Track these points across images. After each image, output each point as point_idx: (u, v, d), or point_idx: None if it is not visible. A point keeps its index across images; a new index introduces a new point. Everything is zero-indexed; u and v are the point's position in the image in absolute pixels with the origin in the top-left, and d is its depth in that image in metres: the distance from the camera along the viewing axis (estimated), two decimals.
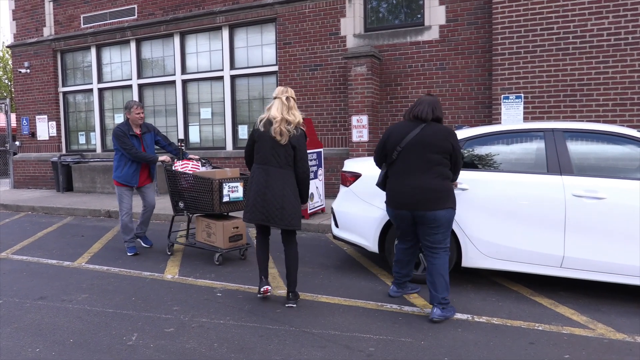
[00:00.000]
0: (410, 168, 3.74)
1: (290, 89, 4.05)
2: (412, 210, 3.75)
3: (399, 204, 3.83)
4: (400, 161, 3.81)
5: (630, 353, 3.18)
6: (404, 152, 3.78)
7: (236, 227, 5.51)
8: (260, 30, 10.49)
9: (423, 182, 3.70)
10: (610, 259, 3.92)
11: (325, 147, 9.56)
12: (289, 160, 3.96)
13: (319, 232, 7.13)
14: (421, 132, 3.74)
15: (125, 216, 5.89)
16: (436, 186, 3.70)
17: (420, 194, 3.69)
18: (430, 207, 3.67)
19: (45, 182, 13.17)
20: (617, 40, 7.14)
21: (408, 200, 3.74)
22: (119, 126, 5.77)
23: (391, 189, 3.90)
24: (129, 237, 5.96)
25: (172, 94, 11.59)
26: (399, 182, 3.82)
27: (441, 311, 3.72)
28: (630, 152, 4.12)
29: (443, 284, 3.72)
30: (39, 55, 13.03)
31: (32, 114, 13.33)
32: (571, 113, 7.46)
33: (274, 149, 3.92)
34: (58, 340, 3.52)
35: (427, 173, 3.70)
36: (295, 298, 4.14)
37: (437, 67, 8.76)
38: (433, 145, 3.70)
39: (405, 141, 3.76)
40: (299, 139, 3.96)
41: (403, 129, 3.84)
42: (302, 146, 3.97)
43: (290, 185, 3.97)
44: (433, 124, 3.79)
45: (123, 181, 5.82)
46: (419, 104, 3.85)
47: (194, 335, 3.55)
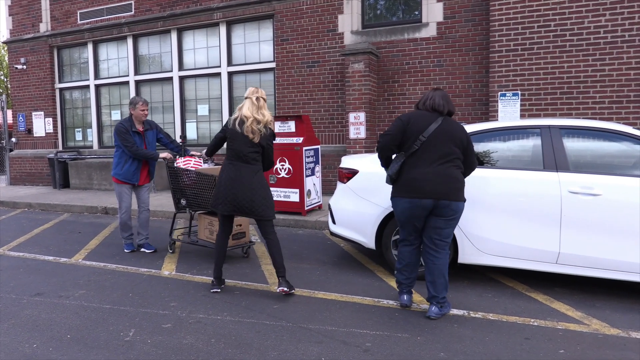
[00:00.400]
0: (434, 158, 3.67)
1: (261, 90, 4.27)
2: (438, 199, 3.62)
3: (422, 193, 3.64)
4: (423, 151, 3.68)
5: (624, 348, 3.20)
6: (427, 142, 3.68)
7: (239, 224, 5.44)
8: (258, 26, 10.47)
9: (446, 171, 3.66)
10: (605, 255, 3.94)
11: (322, 143, 9.57)
12: (257, 157, 4.23)
13: (316, 229, 7.14)
14: (442, 124, 3.72)
15: (124, 214, 5.82)
16: (458, 176, 3.70)
17: (445, 183, 3.63)
18: (456, 196, 3.65)
19: (41, 179, 13.14)
20: (614, 37, 7.16)
21: (432, 189, 3.62)
22: (121, 122, 5.68)
23: (412, 179, 3.70)
24: (127, 234, 5.91)
25: (169, 91, 11.57)
26: (421, 172, 3.67)
27: (439, 309, 3.73)
28: (626, 149, 4.14)
29: (443, 283, 3.72)
30: (35, 51, 12.98)
31: (29, 111, 13.29)
32: (568, 110, 7.49)
33: (245, 147, 4.16)
34: (55, 336, 3.52)
35: (448, 163, 3.68)
36: (288, 283, 4.23)
37: (435, 64, 8.77)
38: (454, 138, 3.69)
39: (429, 131, 3.68)
40: (268, 139, 4.24)
41: (424, 118, 3.75)
42: (269, 146, 4.27)
43: (258, 179, 4.22)
44: (450, 118, 3.80)
45: (124, 179, 5.72)
46: (432, 96, 3.82)
47: (191, 331, 3.55)
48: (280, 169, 7.55)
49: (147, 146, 5.78)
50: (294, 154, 7.41)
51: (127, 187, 5.80)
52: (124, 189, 5.79)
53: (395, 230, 4.69)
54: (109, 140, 12.54)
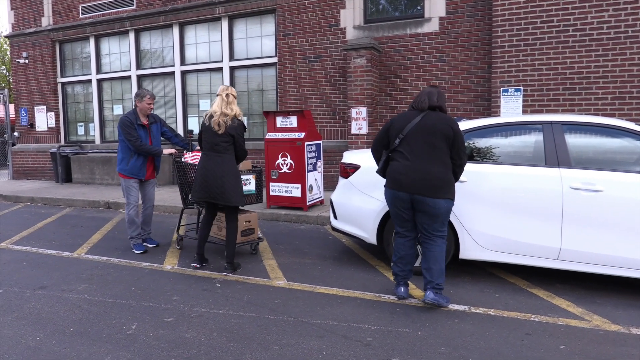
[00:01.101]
0: (413, 153, 3.76)
1: (231, 87, 4.69)
2: (411, 193, 3.73)
3: (399, 185, 3.79)
4: (402, 147, 3.83)
5: (625, 344, 3.21)
6: (406, 139, 3.80)
7: (248, 220, 5.40)
8: (260, 21, 10.45)
9: (425, 167, 3.72)
10: (607, 251, 3.94)
11: (324, 139, 9.56)
12: (227, 147, 4.60)
13: (318, 224, 7.16)
14: (422, 120, 3.79)
15: (132, 210, 5.65)
16: (438, 174, 3.72)
17: (421, 179, 3.70)
18: (430, 193, 3.69)
19: (44, 173, 13.16)
20: (617, 33, 7.13)
21: (409, 183, 3.73)
22: (126, 115, 5.55)
23: (392, 171, 3.87)
24: (135, 233, 5.72)
25: (171, 85, 11.56)
26: (401, 164, 3.81)
27: (434, 295, 3.76)
28: (628, 145, 4.13)
29: (439, 270, 3.77)
30: (37, 45, 12.97)
31: (31, 105, 13.30)
32: (570, 106, 7.47)
33: (214, 138, 4.60)
34: (58, 329, 3.55)
35: (430, 159, 3.72)
36: (231, 268, 4.76)
37: (437, 59, 8.75)
38: (434, 131, 3.73)
39: (407, 128, 3.80)
40: (237, 129, 4.61)
41: (405, 117, 3.89)
42: (239, 135, 4.63)
43: (228, 168, 4.59)
44: (434, 113, 3.84)
45: (129, 174, 5.60)
46: (419, 95, 3.94)
47: (193, 325, 3.57)
48: (282, 164, 7.56)
49: (152, 140, 5.68)
50: (296, 149, 7.41)
51: (134, 181, 5.67)
52: (131, 183, 5.66)
53: None
54: (111, 135, 12.55)
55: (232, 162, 4.65)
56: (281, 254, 5.53)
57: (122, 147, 5.63)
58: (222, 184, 4.54)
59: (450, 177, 3.80)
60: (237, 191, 4.63)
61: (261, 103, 10.62)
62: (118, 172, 5.70)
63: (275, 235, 6.52)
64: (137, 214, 5.71)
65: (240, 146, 4.70)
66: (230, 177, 4.57)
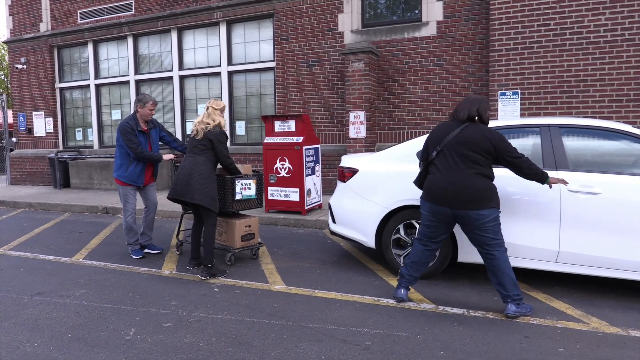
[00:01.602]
0: (450, 166, 3.68)
1: (214, 100, 4.98)
2: (454, 208, 3.65)
3: (437, 200, 3.71)
4: (439, 160, 3.77)
5: (623, 346, 3.21)
6: (443, 151, 3.74)
7: (248, 225, 5.37)
8: (258, 26, 10.48)
9: (463, 181, 3.62)
10: (605, 253, 3.94)
11: (322, 143, 9.58)
12: (203, 150, 4.81)
13: (316, 228, 7.15)
14: (461, 133, 3.70)
15: (129, 217, 5.58)
16: (476, 186, 3.61)
17: (460, 193, 3.61)
18: (472, 206, 3.60)
19: (42, 179, 13.15)
20: (614, 36, 7.16)
21: (450, 198, 3.64)
22: (126, 121, 5.44)
23: (430, 185, 3.80)
24: (133, 240, 5.65)
25: (169, 90, 11.58)
26: (437, 178, 3.74)
27: (516, 307, 3.67)
28: (626, 147, 4.14)
29: (510, 282, 3.66)
30: (35, 50, 12.99)
31: (29, 110, 13.30)
32: (567, 109, 7.49)
33: (193, 142, 4.88)
34: (56, 335, 3.54)
35: (467, 173, 3.63)
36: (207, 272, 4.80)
37: (435, 63, 8.77)
38: (472, 145, 3.63)
39: (445, 141, 3.74)
40: (216, 135, 4.82)
41: (445, 128, 3.83)
42: (218, 142, 4.83)
43: (198, 167, 4.73)
44: (473, 125, 3.73)
45: (129, 181, 5.51)
46: (460, 104, 3.86)
47: (192, 330, 3.56)
48: (281, 168, 7.56)
49: (151, 145, 5.61)
50: (294, 153, 7.42)
51: (132, 188, 5.59)
52: (129, 191, 5.58)
53: (395, 229, 4.70)
54: (110, 140, 12.55)
55: (205, 164, 4.76)
56: (280, 258, 5.53)
57: (120, 152, 5.53)
58: (189, 181, 4.69)
59: (492, 186, 3.68)
60: (204, 191, 4.69)
61: (259, 107, 10.63)
62: (115, 178, 5.58)
63: (273, 239, 6.52)
64: (134, 221, 5.64)
65: (221, 152, 4.84)
66: (197, 176, 4.69)
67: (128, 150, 5.43)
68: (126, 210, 5.61)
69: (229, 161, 4.95)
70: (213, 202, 4.77)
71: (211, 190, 4.76)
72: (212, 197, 4.77)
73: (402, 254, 4.71)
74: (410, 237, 4.65)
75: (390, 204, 4.68)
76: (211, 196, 4.76)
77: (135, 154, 5.41)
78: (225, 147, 4.93)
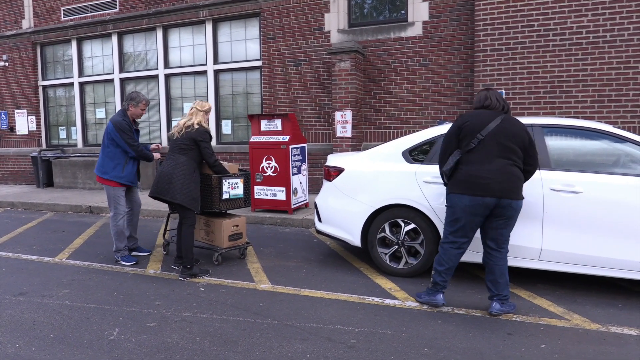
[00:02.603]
0: (494, 156, 3.64)
1: (199, 101, 5.01)
2: (500, 197, 3.60)
3: (485, 190, 3.59)
4: (482, 149, 3.67)
5: (604, 342, 3.27)
6: (486, 140, 3.66)
7: (236, 225, 5.33)
8: (244, 24, 10.44)
9: (508, 169, 3.63)
10: (586, 251, 4.01)
11: (309, 142, 9.58)
12: (184, 149, 4.80)
13: (303, 227, 7.15)
14: (502, 123, 3.69)
15: (121, 220, 5.29)
16: (518, 174, 3.66)
17: (508, 181, 3.60)
18: (517, 195, 3.64)
19: (24, 178, 12.95)
20: (596, 37, 7.27)
21: (498, 187, 3.58)
22: (122, 117, 5.19)
23: (472, 176, 3.65)
24: (122, 245, 5.36)
25: (154, 89, 11.48)
26: (483, 169, 3.63)
27: (500, 305, 3.72)
28: (607, 147, 4.21)
29: (504, 282, 3.72)
30: (17, 48, 12.78)
31: (11, 108, 13.09)
32: (551, 109, 7.59)
33: (173, 143, 4.89)
34: (38, 335, 3.49)
35: (509, 162, 3.65)
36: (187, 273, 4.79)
37: (421, 63, 8.82)
38: (514, 136, 3.66)
39: (487, 129, 3.66)
40: (200, 134, 4.83)
41: (483, 117, 3.74)
42: (202, 140, 4.83)
43: (180, 167, 4.73)
44: (511, 117, 3.78)
45: (126, 181, 5.27)
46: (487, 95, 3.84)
47: (176, 330, 3.54)
48: (267, 167, 7.55)
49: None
50: (281, 153, 7.41)
51: (122, 189, 5.33)
52: (120, 192, 5.30)
53: (380, 228, 4.72)
54: (94, 139, 12.40)
55: (186, 164, 4.76)
56: (266, 257, 5.52)
57: (114, 152, 5.24)
58: (171, 180, 4.69)
59: (523, 177, 3.75)
60: (185, 191, 4.69)
61: (246, 106, 10.59)
62: (108, 179, 5.23)
63: (259, 238, 6.50)
64: (124, 224, 5.39)
65: (204, 150, 4.84)
66: (179, 176, 4.69)
67: (126, 148, 5.21)
68: (118, 214, 5.31)
69: (213, 159, 4.93)
70: (194, 202, 4.78)
71: (192, 190, 4.76)
72: (193, 197, 4.77)
73: (387, 253, 4.73)
74: (395, 236, 4.67)
75: (376, 202, 4.70)
76: (192, 196, 4.75)
77: (136, 152, 5.26)
78: (210, 146, 4.92)
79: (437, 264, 3.86)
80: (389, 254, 4.73)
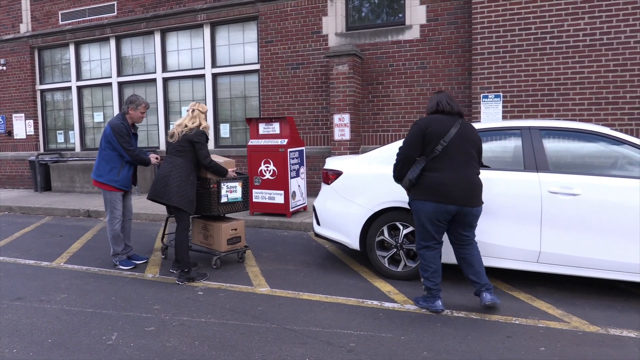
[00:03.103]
0: (458, 163, 3.70)
1: (199, 103, 4.97)
2: (462, 205, 3.68)
3: (447, 198, 3.66)
4: (445, 155, 3.69)
5: (603, 345, 3.26)
6: (449, 147, 3.69)
7: (234, 229, 5.30)
8: (242, 28, 10.45)
9: (469, 177, 3.72)
10: (585, 254, 4.01)
11: (307, 145, 9.58)
12: (180, 151, 4.78)
13: (301, 230, 7.15)
14: (460, 128, 3.75)
15: (117, 224, 5.24)
16: (478, 182, 3.80)
17: (470, 189, 3.70)
18: (476, 203, 3.76)
19: (22, 182, 12.92)
20: (593, 40, 7.30)
21: (460, 195, 3.66)
22: (121, 121, 5.13)
23: (436, 183, 3.68)
24: (120, 249, 5.32)
25: (152, 92, 11.48)
26: (445, 176, 3.68)
27: (491, 295, 3.80)
28: (604, 149, 4.22)
29: (484, 271, 3.87)
30: (15, 52, 12.78)
31: (9, 112, 13.07)
32: (548, 112, 7.61)
33: (170, 145, 4.89)
34: (36, 340, 3.48)
35: (471, 168, 3.75)
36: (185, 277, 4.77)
37: (418, 66, 8.84)
38: (472, 141, 3.76)
39: (450, 135, 3.69)
40: (196, 135, 4.79)
41: (444, 122, 3.75)
42: (198, 141, 4.79)
43: (176, 169, 4.72)
44: (466, 121, 3.87)
45: (121, 186, 5.20)
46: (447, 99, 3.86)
47: (175, 334, 3.53)
48: (265, 170, 7.55)
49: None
50: (279, 156, 7.41)
51: (120, 193, 5.27)
52: (117, 196, 5.23)
53: (379, 231, 4.72)
54: (92, 143, 12.39)
55: (183, 166, 4.74)
56: (264, 261, 5.51)
57: (110, 155, 5.18)
58: (167, 183, 4.68)
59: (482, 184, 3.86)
60: (181, 193, 4.67)
61: (244, 110, 10.60)
62: (103, 183, 5.17)
63: (258, 241, 6.49)
64: (122, 228, 5.34)
65: (199, 151, 4.81)
66: (175, 178, 4.68)
67: (122, 153, 5.14)
68: (115, 218, 5.25)
69: (207, 160, 4.87)
70: (189, 205, 4.76)
71: (188, 192, 4.74)
72: (189, 200, 4.75)
73: (386, 256, 4.73)
74: (394, 239, 4.67)
75: (374, 206, 4.70)
76: (188, 199, 4.74)
77: (132, 156, 5.17)
78: (205, 147, 4.87)
79: (422, 270, 3.93)
80: (388, 257, 4.73)
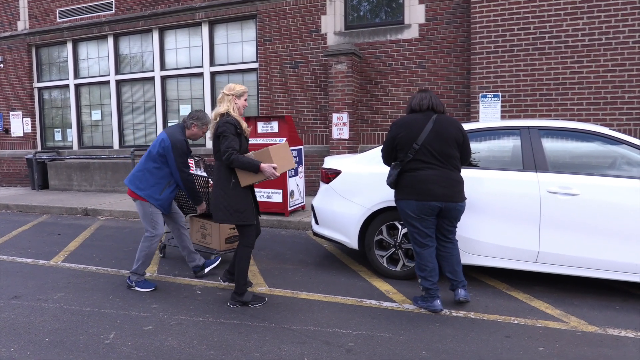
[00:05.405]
0: (436, 160, 3.75)
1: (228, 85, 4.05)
2: (445, 201, 3.74)
3: (430, 195, 3.71)
4: (420, 157, 3.75)
5: (601, 345, 3.27)
6: (423, 148, 3.74)
7: (232, 227, 5.28)
8: (241, 26, 10.43)
9: (449, 174, 3.78)
10: (583, 254, 4.01)
11: (305, 144, 9.57)
12: (215, 153, 3.97)
13: (299, 230, 7.14)
14: (435, 126, 3.77)
15: (155, 242, 4.51)
16: (459, 178, 3.85)
17: (451, 185, 3.76)
18: (459, 198, 3.81)
19: (19, 180, 12.89)
20: (591, 40, 7.30)
21: (442, 192, 3.72)
22: (182, 138, 4.42)
23: (418, 182, 3.74)
24: (143, 270, 4.58)
25: (150, 91, 11.45)
26: (427, 174, 3.74)
27: (465, 291, 3.95)
28: (603, 149, 4.22)
29: (461, 270, 4.00)
30: (13, 49, 12.73)
31: (6, 110, 13.03)
32: (547, 111, 7.61)
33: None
34: (33, 339, 3.46)
35: (450, 166, 3.79)
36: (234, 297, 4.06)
37: (417, 65, 8.84)
38: (449, 137, 3.77)
39: (422, 137, 3.74)
40: (220, 125, 3.89)
41: (416, 123, 3.79)
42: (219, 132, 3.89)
43: (216, 176, 3.96)
44: (444, 117, 3.86)
45: (160, 206, 4.47)
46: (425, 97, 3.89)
47: (173, 333, 3.52)
48: None
49: None
50: None
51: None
52: (157, 210, 4.52)
53: (377, 230, 4.71)
54: (89, 141, 12.36)
55: (219, 170, 3.94)
56: (262, 260, 5.50)
57: (160, 169, 4.45)
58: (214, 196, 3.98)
59: (463, 179, 3.93)
60: (219, 205, 3.90)
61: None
62: (142, 197, 4.42)
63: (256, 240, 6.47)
64: (179, 238, 4.83)
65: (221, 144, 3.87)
66: (215, 188, 3.97)
67: (174, 173, 4.46)
68: (156, 235, 4.49)
69: (225, 156, 3.81)
70: (239, 216, 3.89)
71: (226, 200, 3.88)
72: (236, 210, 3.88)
73: (384, 255, 4.73)
74: (393, 239, 4.66)
75: (373, 205, 4.69)
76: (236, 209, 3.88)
77: (183, 181, 4.49)
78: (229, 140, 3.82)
79: (419, 270, 3.93)
80: (387, 257, 4.72)
